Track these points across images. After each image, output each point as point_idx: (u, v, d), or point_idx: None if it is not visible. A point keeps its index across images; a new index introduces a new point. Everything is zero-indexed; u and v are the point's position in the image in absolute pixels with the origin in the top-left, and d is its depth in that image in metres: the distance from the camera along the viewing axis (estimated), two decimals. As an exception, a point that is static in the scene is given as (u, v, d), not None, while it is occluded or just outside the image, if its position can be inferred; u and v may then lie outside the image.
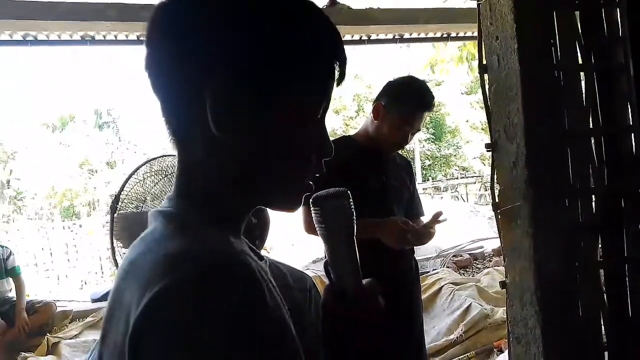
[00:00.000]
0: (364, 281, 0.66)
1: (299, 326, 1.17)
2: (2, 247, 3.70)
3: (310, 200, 0.64)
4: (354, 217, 0.65)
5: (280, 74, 0.55)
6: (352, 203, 0.64)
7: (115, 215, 2.15)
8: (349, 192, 0.65)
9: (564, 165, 1.57)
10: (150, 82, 0.58)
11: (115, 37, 3.96)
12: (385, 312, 0.65)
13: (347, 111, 18.38)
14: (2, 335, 3.39)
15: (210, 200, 0.58)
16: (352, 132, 2.10)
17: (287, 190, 0.61)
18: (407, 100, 1.82)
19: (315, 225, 0.65)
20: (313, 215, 0.64)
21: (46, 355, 3.38)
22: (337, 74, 0.60)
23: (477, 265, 5.74)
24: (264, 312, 0.48)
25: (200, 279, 0.46)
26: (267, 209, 1.08)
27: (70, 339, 3.57)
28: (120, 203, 2.18)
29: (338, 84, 0.61)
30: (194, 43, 0.54)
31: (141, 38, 0.54)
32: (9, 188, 15.75)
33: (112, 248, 2.24)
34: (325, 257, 0.67)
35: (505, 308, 1.68)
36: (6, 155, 16.45)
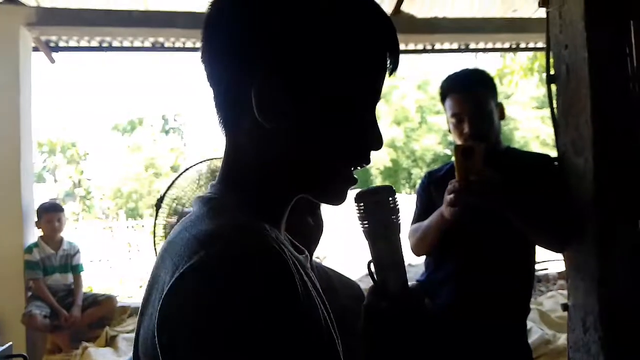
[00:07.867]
0: (410, 284, 0.64)
1: (344, 329, 1.14)
2: (71, 244, 3.88)
3: (354, 197, 0.63)
4: (399, 214, 0.63)
5: (329, 63, 0.55)
6: (396, 199, 0.63)
7: (160, 211, 2.27)
8: (393, 188, 0.63)
9: (634, 182, 1.48)
10: (205, 72, 0.60)
11: (184, 45, 4.12)
12: (428, 317, 0.63)
13: (410, 122, 18.16)
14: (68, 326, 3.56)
15: (248, 186, 0.59)
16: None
17: (332, 181, 0.60)
18: (442, 94, 1.72)
19: (359, 223, 0.63)
20: (356, 212, 0.63)
21: (105, 346, 3.51)
22: (389, 63, 0.59)
23: (541, 288, 5.49)
24: (291, 304, 0.47)
25: (226, 259, 0.46)
26: (321, 212, 1.08)
27: (128, 333, 3.67)
28: (175, 202, 2.28)
29: (390, 74, 0.60)
30: (241, 35, 0.56)
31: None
32: (79, 187, 16.66)
33: (154, 244, 2.36)
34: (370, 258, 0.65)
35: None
36: (79, 156, 17.41)
